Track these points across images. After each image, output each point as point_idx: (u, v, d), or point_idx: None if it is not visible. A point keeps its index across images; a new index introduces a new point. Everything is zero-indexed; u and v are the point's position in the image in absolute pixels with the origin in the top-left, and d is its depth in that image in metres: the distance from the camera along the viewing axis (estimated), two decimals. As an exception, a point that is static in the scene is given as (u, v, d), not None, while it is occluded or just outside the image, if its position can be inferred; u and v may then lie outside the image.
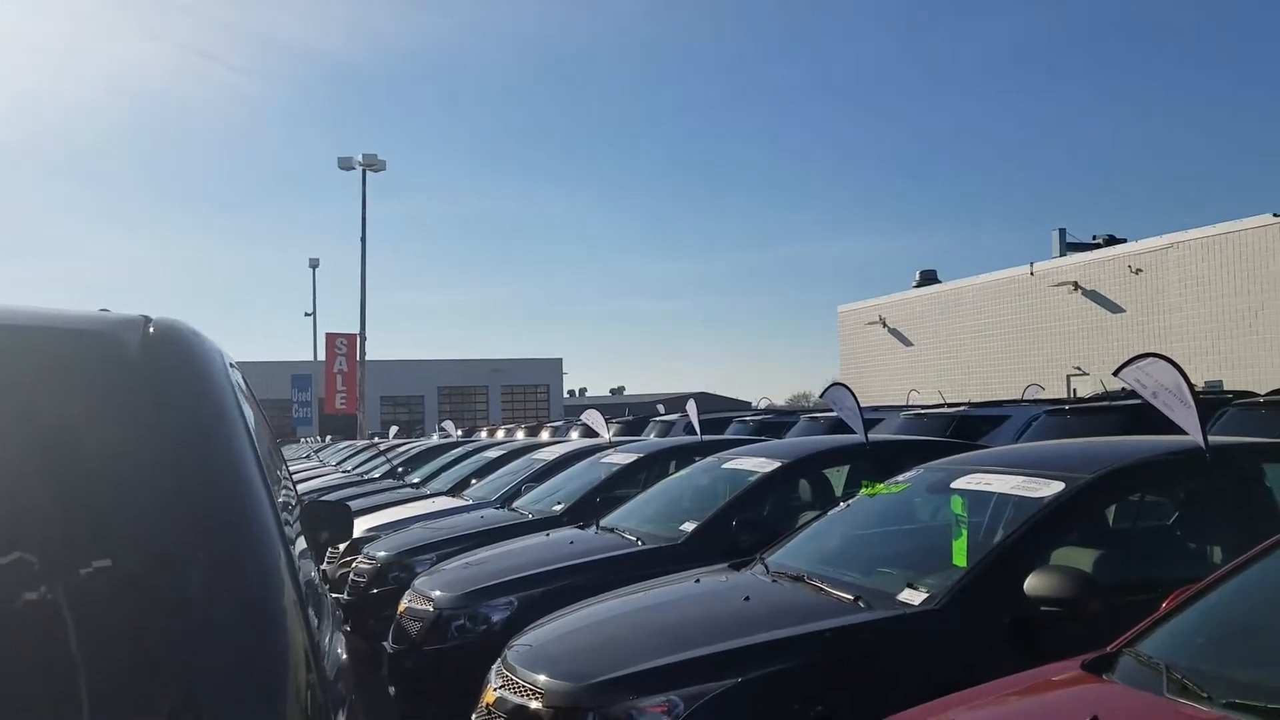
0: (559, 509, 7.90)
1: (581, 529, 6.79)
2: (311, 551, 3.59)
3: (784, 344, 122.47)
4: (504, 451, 12.40)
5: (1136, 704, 2.40)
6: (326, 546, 6.79)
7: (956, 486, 4.30)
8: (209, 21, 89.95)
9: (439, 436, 22.19)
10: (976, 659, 3.38)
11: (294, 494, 3.61)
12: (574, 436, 15.60)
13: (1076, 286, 28.72)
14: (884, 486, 4.90)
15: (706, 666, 3.48)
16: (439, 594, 5.77)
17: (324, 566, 8.66)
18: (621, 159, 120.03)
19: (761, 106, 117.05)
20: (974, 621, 3.57)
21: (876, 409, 15.33)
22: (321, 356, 49.15)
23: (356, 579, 7.71)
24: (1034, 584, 3.41)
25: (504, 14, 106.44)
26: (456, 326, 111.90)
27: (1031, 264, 30.88)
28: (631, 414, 26.48)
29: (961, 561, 3.86)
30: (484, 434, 22.42)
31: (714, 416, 17.23)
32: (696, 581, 4.62)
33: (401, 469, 15.00)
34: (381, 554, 7.67)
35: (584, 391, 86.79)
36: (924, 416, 12.16)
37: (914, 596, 3.70)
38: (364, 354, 40.27)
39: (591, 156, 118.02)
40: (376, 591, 7.35)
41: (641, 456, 8.57)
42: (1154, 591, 3.25)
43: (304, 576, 2.21)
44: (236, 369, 2.50)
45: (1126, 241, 29.21)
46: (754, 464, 6.49)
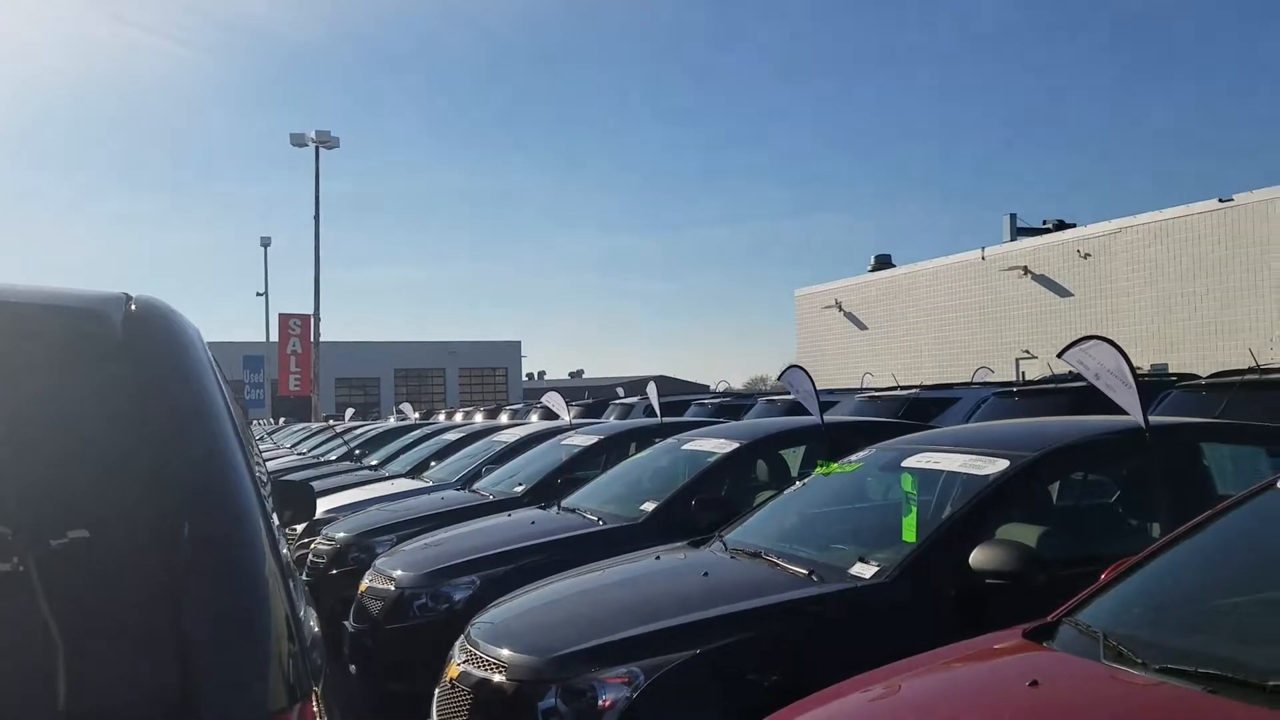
0: (520, 490, 7.96)
1: (543, 509, 6.86)
2: (281, 528, 3.63)
3: (742, 328, 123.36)
4: (464, 434, 12.41)
5: (1074, 670, 2.53)
6: (288, 526, 6.80)
7: (907, 465, 4.44)
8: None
9: (396, 419, 22.10)
10: (924, 629, 3.50)
11: (265, 472, 3.64)
12: (534, 419, 15.65)
13: (1026, 271, 29.22)
14: (838, 466, 5.03)
15: (666, 639, 3.58)
16: (401, 573, 5.82)
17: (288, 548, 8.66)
18: (579, 142, 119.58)
19: (718, 90, 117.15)
20: (922, 593, 3.71)
21: (832, 391, 15.55)
22: (274, 337, 48.64)
23: (315, 560, 7.72)
24: (979, 558, 3.55)
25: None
26: (413, 308, 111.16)
27: (983, 249, 31.36)
28: (591, 397, 26.52)
29: (911, 537, 3.99)
30: (442, 416, 22.36)
31: (673, 399, 17.34)
32: (657, 559, 4.72)
33: (359, 451, 14.95)
34: (341, 535, 7.68)
35: (543, 375, 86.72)
36: (877, 399, 12.37)
37: (865, 570, 3.83)
38: (318, 335, 39.89)
39: (550, 138, 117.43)
40: (336, 572, 7.36)
41: (602, 438, 8.66)
42: (1096, 564, 3.39)
43: (281, 550, 2.26)
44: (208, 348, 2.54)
45: (1076, 226, 29.77)
46: (713, 445, 6.60)
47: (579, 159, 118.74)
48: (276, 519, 2.88)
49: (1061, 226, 31.35)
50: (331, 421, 25.59)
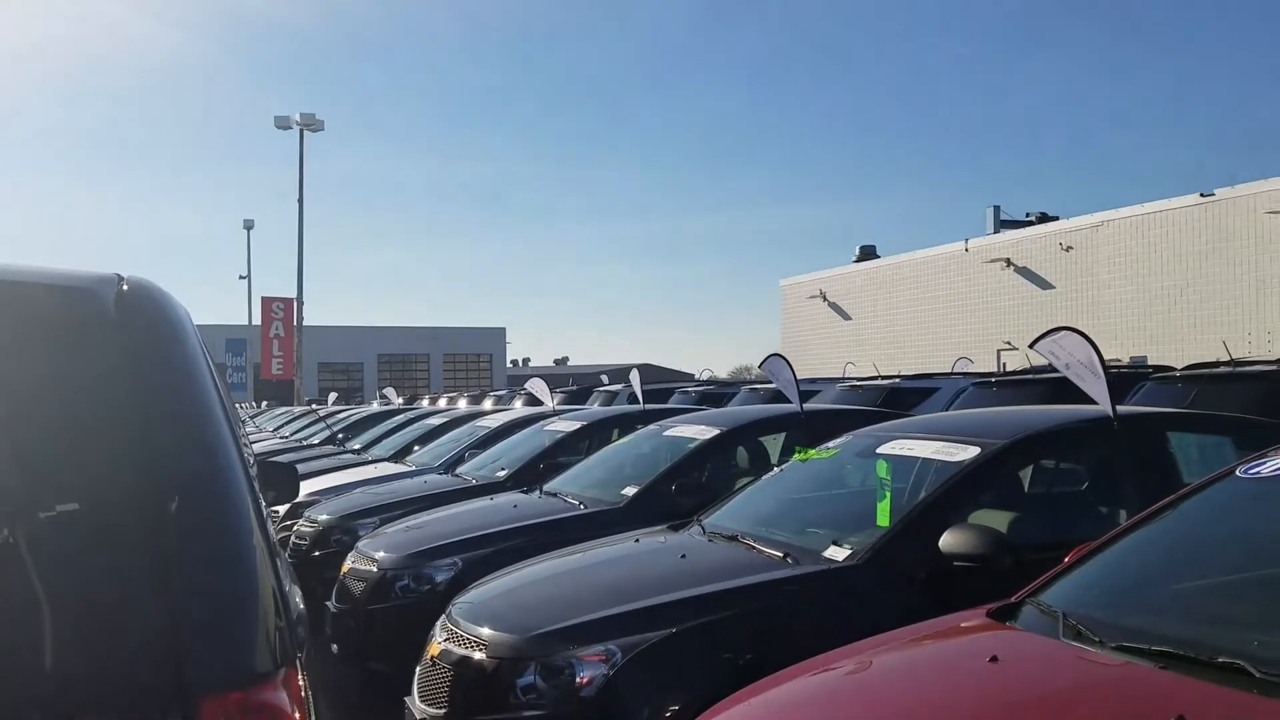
0: (503, 474, 8.03)
1: (525, 493, 6.94)
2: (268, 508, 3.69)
3: (728, 317, 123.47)
4: (447, 419, 12.46)
5: (1033, 647, 2.62)
6: (272, 506, 6.84)
7: (882, 452, 4.53)
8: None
9: (380, 404, 22.11)
10: (895, 609, 3.59)
11: (252, 453, 3.70)
12: (518, 405, 15.70)
13: (1009, 263, 29.40)
14: (815, 452, 5.12)
15: (643, 618, 3.67)
16: (383, 555, 5.88)
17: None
18: (566, 129, 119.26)
19: (703, 77, 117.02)
20: (893, 575, 3.81)
21: (814, 381, 15.67)
22: (257, 321, 48.46)
23: (298, 542, 7.77)
24: (948, 541, 3.64)
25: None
26: (398, 294, 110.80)
27: (966, 240, 31.53)
28: (575, 384, 26.59)
29: (885, 521, 4.09)
30: (426, 402, 22.39)
31: (657, 387, 17.42)
32: (636, 541, 4.80)
33: (342, 435, 14.98)
34: (323, 517, 7.74)
35: (527, 361, 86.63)
36: (859, 388, 12.49)
37: (838, 553, 3.92)
38: (301, 319, 39.75)
39: (536, 124, 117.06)
40: (318, 554, 7.42)
41: (585, 424, 8.74)
42: (1062, 549, 3.48)
43: (268, 528, 2.33)
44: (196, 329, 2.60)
45: (1059, 219, 29.96)
46: (694, 431, 6.69)
47: (566, 146, 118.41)
48: (263, 499, 2.94)
49: (1044, 219, 31.56)
50: (314, 406, 25.56)
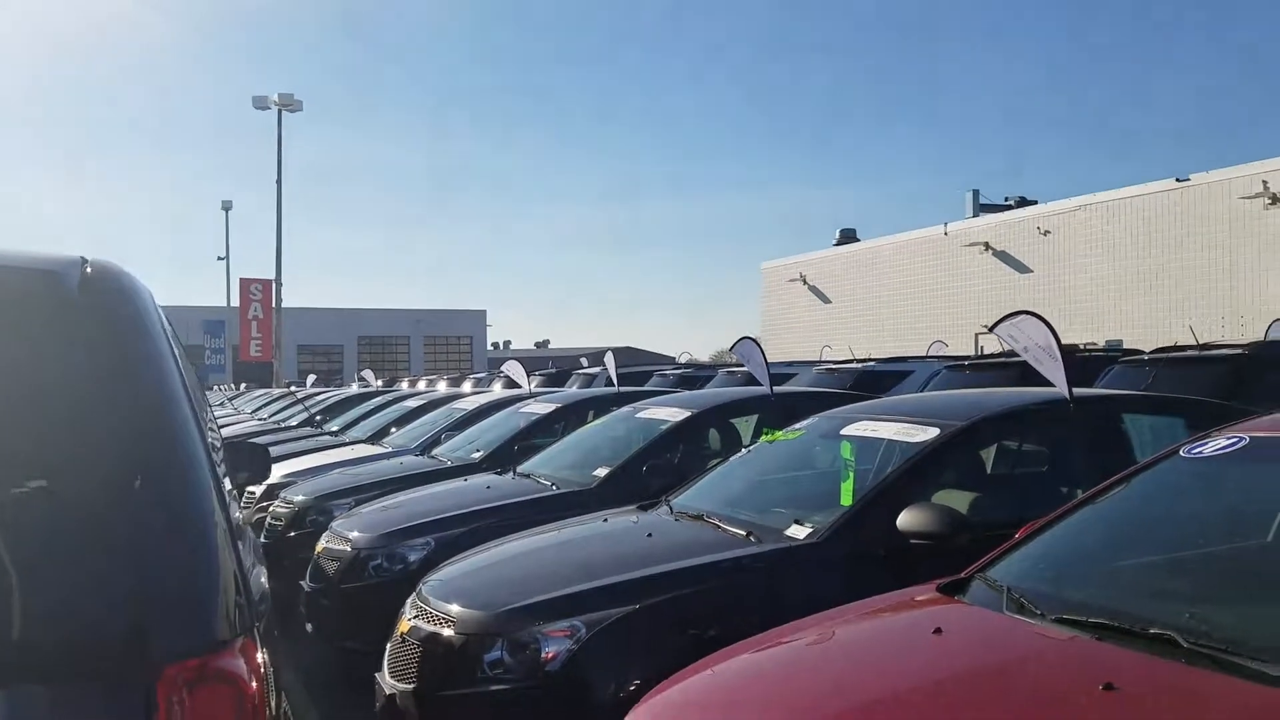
0: (478, 456, 8.09)
1: (499, 475, 7.00)
2: (233, 491, 3.74)
3: (710, 300, 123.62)
4: (424, 401, 12.50)
5: (977, 619, 2.72)
6: (245, 487, 6.88)
7: (846, 433, 4.62)
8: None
9: (359, 386, 22.09)
10: (854, 586, 3.67)
11: (218, 436, 3.74)
12: (497, 388, 15.74)
13: (988, 247, 29.58)
14: (782, 434, 5.22)
15: (607, 594, 3.75)
16: (357, 535, 5.94)
17: (241, 511, 8.73)
18: (548, 112, 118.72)
19: (684, 59, 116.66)
20: (852, 553, 3.91)
21: (791, 364, 15.78)
22: (235, 302, 48.15)
23: (273, 522, 7.81)
24: (906, 520, 3.74)
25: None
26: (378, 275, 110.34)
27: (945, 224, 31.70)
28: (555, 367, 26.64)
29: (848, 501, 4.18)
30: (405, 384, 22.38)
31: (636, 370, 17.51)
32: (604, 521, 4.88)
33: (319, 417, 14.99)
34: (299, 498, 7.78)
35: (508, 344, 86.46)
36: (834, 371, 12.60)
37: (799, 531, 4.02)
38: (279, 300, 39.57)
39: (518, 108, 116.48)
40: (294, 535, 7.46)
41: (560, 406, 8.80)
42: (1017, 527, 3.59)
43: (231, 510, 2.39)
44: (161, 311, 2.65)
45: (1037, 203, 30.15)
46: (665, 413, 6.77)
47: (549, 129, 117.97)
48: (229, 480, 3.00)
49: (1023, 203, 31.75)
50: (293, 388, 25.49)
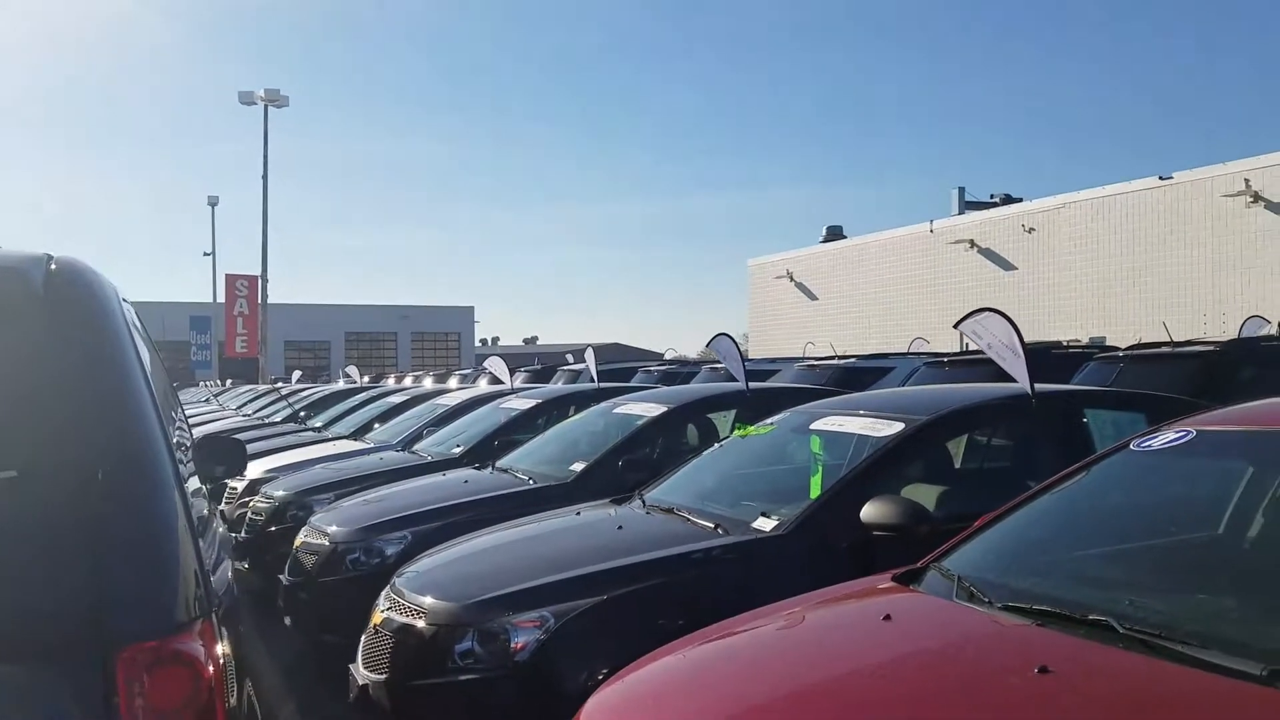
0: (458, 451, 8.16)
1: (477, 470, 7.06)
2: (206, 486, 3.80)
3: (698, 297, 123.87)
4: (407, 397, 12.55)
5: (927, 607, 2.80)
6: (222, 480, 6.92)
7: (815, 428, 4.71)
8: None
9: (344, 382, 22.11)
10: (818, 577, 3.75)
11: (188, 434, 3.79)
12: (483, 384, 15.79)
13: (973, 244, 29.74)
14: (754, 429, 5.30)
15: (576, 586, 3.83)
16: (335, 529, 6.00)
17: (222, 507, 8.77)
18: (538, 109, 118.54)
19: (673, 62, 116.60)
20: (816, 545, 3.99)
21: (775, 360, 15.88)
22: (221, 298, 48.02)
23: (254, 517, 7.86)
24: (868, 512, 3.82)
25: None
26: (366, 271, 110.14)
27: (931, 221, 31.85)
28: (541, 363, 26.70)
29: (817, 494, 4.26)
30: (391, 380, 22.41)
31: (621, 366, 17.60)
32: (578, 514, 4.95)
33: (303, 413, 15.01)
34: (280, 493, 7.82)
35: (497, 340, 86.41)
36: (815, 367, 12.71)
37: (766, 524, 4.10)
38: (265, 296, 39.50)
39: (505, 104, 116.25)
40: (274, 529, 7.51)
41: (540, 402, 8.86)
42: (978, 519, 3.68)
43: (195, 509, 2.44)
44: (130, 306, 2.70)
45: (1022, 201, 30.32)
46: (642, 409, 6.84)
47: (538, 126, 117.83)
48: (196, 482, 3.05)
49: (1008, 201, 31.93)
50: (279, 384, 25.49)
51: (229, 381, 37.28)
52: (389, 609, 4.22)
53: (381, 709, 4.04)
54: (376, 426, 11.42)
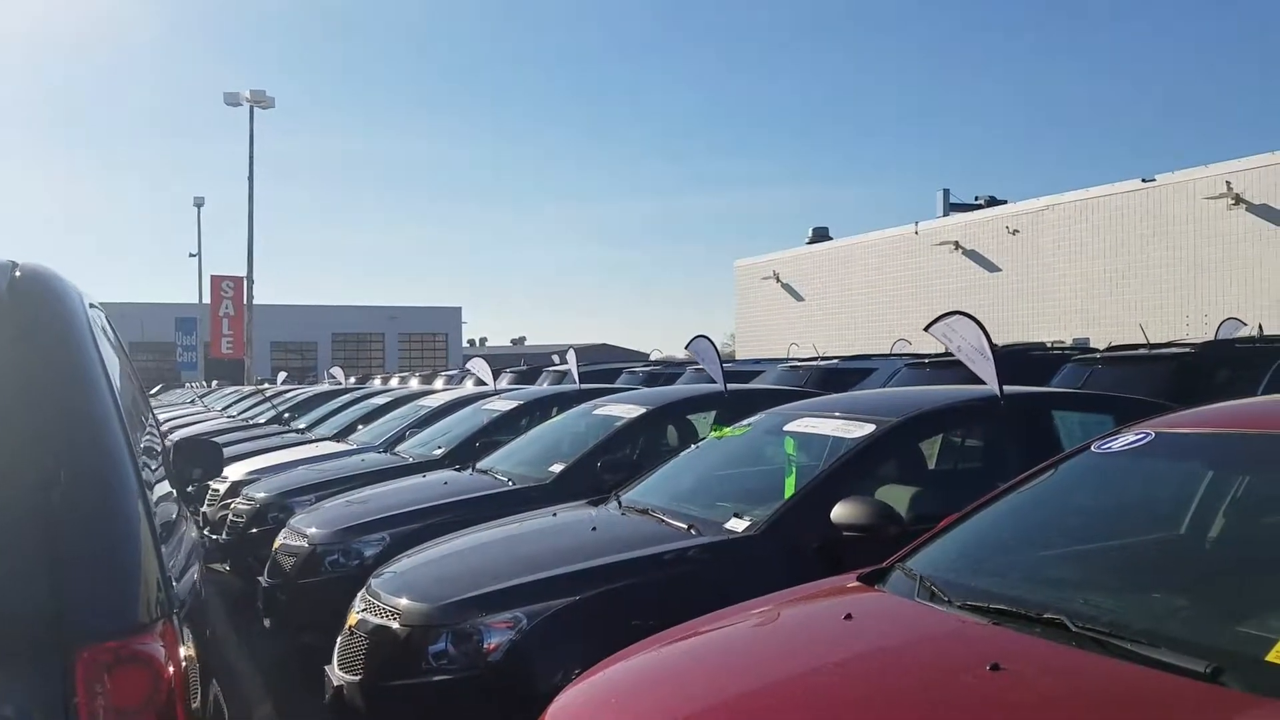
0: (439, 453, 8.18)
1: (457, 471, 7.09)
2: (180, 489, 3.81)
3: (686, 298, 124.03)
4: (391, 398, 12.56)
5: (888, 606, 2.85)
6: (200, 483, 6.93)
7: (789, 429, 4.76)
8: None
9: (329, 383, 22.08)
10: (788, 577, 3.79)
11: (158, 439, 3.80)
12: (468, 385, 15.80)
13: (957, 246, 29.88)
14: (729, 430, 5.35)
15: (549, 586, 3.86)
16: (314, 530, 6.02)
17: (205, 509, 8.77)
18: (525, 109, 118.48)
19: (662, 64, 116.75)
20: (787, 545, 4.03)
21: (759, 361, 15.94)
22: (207, 299, 47.87)
23: (235, 519, 7.87)
24: (838, 513, 3.87)
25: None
26: (353, 272, 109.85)
27: (916, 223, 31.98)
28: (527, 364, 26.71)
29: (791, 494, 4.31)
30: (378, 381, 22.38)
31: (607, 367, 17.64)
32: (554, 515, 4.99)
33: (287, 415, 15.00)
34: (261, 495, 7.84)
35: (484, 341, 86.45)
36: (798, 369, 12.78)
37: (738, 524, 4.14)
38: (251, 297, 39.39)
39: (493, 104, 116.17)
40: (255, 531, 7.52)
41: (521, 404, 8.90)
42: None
43: (163, 513, 2.47)
44: (100, 311, 2.73)
45: (1006, 203, 30.47)
46: (621, 410, 6.88)
47: (525, 127, 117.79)
48: (167, 486, 3.07)
49: (993, 203, 32.09)
50: (265, 385, 25.43)
51: (215, 383, 37.16)
52: (364, 610, 4.24)
53: (356, 710, 4.06)
54: (360, 428, 11.43)
